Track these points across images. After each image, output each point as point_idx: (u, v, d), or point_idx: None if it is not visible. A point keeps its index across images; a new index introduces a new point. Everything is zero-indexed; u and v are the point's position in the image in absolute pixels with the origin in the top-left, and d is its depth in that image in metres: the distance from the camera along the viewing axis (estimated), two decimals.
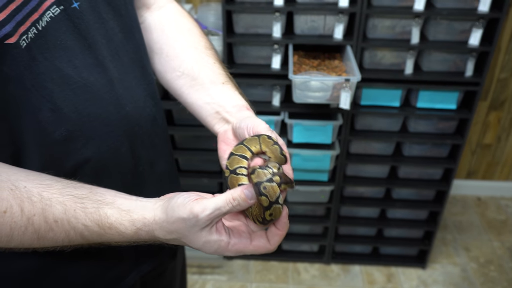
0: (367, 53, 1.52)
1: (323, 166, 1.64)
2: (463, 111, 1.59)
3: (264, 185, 0.49)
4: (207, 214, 0.49)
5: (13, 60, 0.50)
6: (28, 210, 0.50)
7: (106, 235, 0.53)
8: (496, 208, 2.32)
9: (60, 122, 0.56)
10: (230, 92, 0.69)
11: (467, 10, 1.42)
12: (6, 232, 0.50)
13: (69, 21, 0.55)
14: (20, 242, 0.51)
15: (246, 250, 0.54)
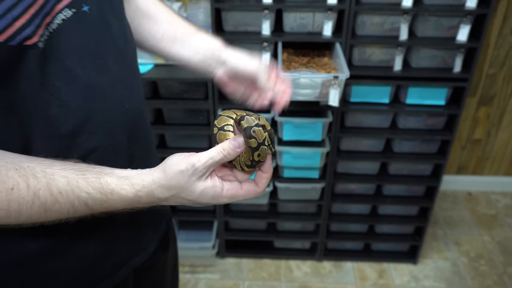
0: (356, 50, 1.53)
1: (314, 164, 1.64)
2: (452, 107, 1.60)
3: (253, 129, 0.57)
4: (203, 162, 0.56)
5: (30, 60, 0.53)
6: (33, 185, 0.53)
7: (109, 201, 0.57)
8: (487, 203, 2.34)
9: (66, 118, 0.59)
10: (206, 38, 0.81)
11: (455, 6, 1.42)
12: (15, 207, 0.53)
13: (80, 23, 0.58)
14: (28, 216, 0.54)
15: (238, 194, 0.60)
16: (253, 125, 0.58)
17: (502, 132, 2.22)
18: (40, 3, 0.52)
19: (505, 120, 2.17)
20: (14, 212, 0.53)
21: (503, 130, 2.21)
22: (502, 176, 2.36)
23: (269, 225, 1.95)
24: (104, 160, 0.63)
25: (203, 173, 0.57)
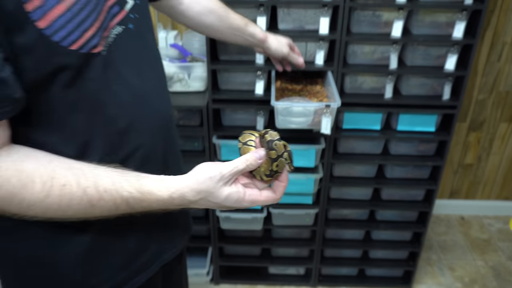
0: (348, 78, 1.56)
1: (307, 189, 1.65)
2: (442, 133, 1.63)
3: (275, 142, 0.68)
4: (229, 170, 0.65)
5: (95, 65, 0.64)
6: (83, 183, 0.61)
7: (146, 201, 0.65)
8: (479, 227, 2.35)
9: (120, 117, 0.69)
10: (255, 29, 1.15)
11: (442, 36, 1.47)
12: (65, 202, 0.60)
13: (127, 38, 0.69)
14: (76, 210, 0.62)
15: (258, 199, 0.69)
16: (275, 139, 0.68)
17: (492, 157, 2.25)
18: (101, 19, 0.63)
19: (495, 145, 2.21)
20: (65, 206, 0.60)
21: (493, 154, 2.24)
22: (494, 200, 2.38)
23: (263, 251, 1.94)
24: (147, 156, 0.74)
25: (228, 180, 0.66)
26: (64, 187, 0.60)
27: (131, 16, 0.70)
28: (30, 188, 0.57)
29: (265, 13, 1.41)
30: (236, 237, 1.88)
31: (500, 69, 2.01)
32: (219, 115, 1.63)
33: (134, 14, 0.71)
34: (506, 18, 1.89)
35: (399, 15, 1.42)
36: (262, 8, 1.40)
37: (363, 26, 1.47)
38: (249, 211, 1.73)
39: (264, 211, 1.75)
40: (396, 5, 1.40)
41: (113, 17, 0.67)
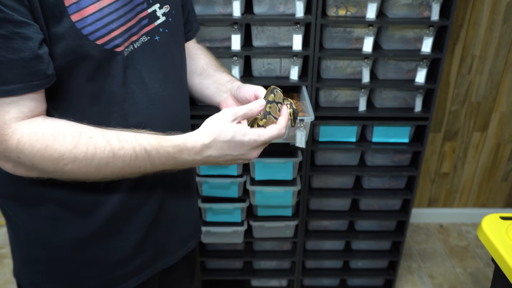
0: (322, 92, 1.60)
1: (286, 202, 1.68)
2: (416, 144, 1.68)
3: (276, 89, 0.82)
4: (233, 111, 0.76)
5: (115, 63, 0.73)
6: (107, 135, 0.70)
7: (163, 147, 0.73)
8: (458, 234, 2.40)
9: (134, 114, 0.77)
10: (224, 74, 1.01)
11: (411, 51, 1.52)
12: (91, 151, 0.69)
13: (152, 48, 0.79)
14: (99, 161, 0.69)
15: (263, 132, 0.77)
16: (277, 88, 0.83)
17: (468, 165, 2.31)
18: (129, 25, 0.74)
19: (469, 154, 2.27)
20: (90, 155, 0.68)
21: (468, 163, 2.30)
22: (471, 208, 2.44)
23: (245, 264, 1.96)
24: None
25: (234, 118, 0.76)
26: (91, 139, 0.69)
27: (160, 30, 0.81)
28: (61, 139, 0.67)
29: (239, 31, 1.45)
30: (218, 251, 1.89)
31: (471, 81, 2.08)
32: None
33: (163, 29, 0.81)
34: (474, 32, 1.97)
35: (369, 31, 1.47)
36: (236, 26, 1.44)
37: (335, 42, 1.51)
38: (230, 224, 1.75)
39: (245, 223, 1.77)
40: (366, 22, 1.45)
41: (142, 27, 0.77)
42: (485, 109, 2.16)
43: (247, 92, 0.88)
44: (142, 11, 0.76)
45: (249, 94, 0.88)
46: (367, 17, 1.45)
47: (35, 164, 0.67)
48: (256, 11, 1.45)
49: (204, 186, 1.67)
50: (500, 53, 2.02)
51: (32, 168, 0.68)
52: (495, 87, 2.10)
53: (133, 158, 0.71)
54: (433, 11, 1.45)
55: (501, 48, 2.01)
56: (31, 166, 0.68)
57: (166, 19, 0.82)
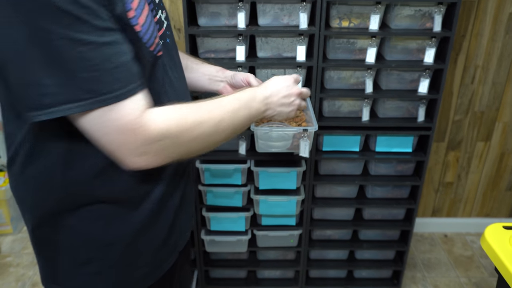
0: (326, 103, 1.62)
1: (290, 211, 1.69)
2: (419, 153, 1.69)
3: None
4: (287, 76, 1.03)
5: (158, 66, 0.81)
6: (213, 103, 0.82)
7: (239, 99, 0.87)
8: (462, 244, 2.40)
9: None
10: (209, 65, 1.16)
11: (414, 62, 1.54)
12: (214, 114, 0.81)
13: (168, 50, 0.86)
14: (221, 120, 0.81)
15: (303, 90, 1.06)
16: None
17: (471, 175, 2.31)
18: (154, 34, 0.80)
19: (473, 163, 2.27)
20: (214, 118, 0.80)
21: (472, 173, 2.30)
22: (475, 217, 2.43)
23: (249, 273, 1.96)
24: None
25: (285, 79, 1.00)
26: (207, 108, 0.80)
27: (167, 32, 0.88)
28: (186, 114, 0.77)
29: (244, 42, 1.47)
30: (222, 260, 1.90)
31: (474, 90, 2.09)
32: None
33: (169, 32, 0.89)
34: (477, 42, 1.98)
35: (372, 42, 1.49)
36: (241, 37, 1.46)
37: (338, 53, 1.53)
38: (234, 233, 1.76)
39: (249, 233, 1.77)
40: (369, 33, 1.47)
41: (157, 31, 0.81)
42: (489, 118, 2.16)
43: (241, 79, 1.12)
44: (154, 17, 0.81)
45: (242, 81, 1.12)
46: (370, 28, 1.47)
47: (175, 145, 0.75)
48: (260, 23, 1.47)
49: (208, 195, 1.68)
50: (503, 63, 2.03)
51: (168, 153, 0.75)
52: (498, 97, 2.11)
53: (230, 110, 0.84)
54: (435, 22, 1.46)
55: (503, 59, 2.02)
56: (170, 150, 0.74)
57: (167, 23, 0.89)
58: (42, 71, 0.61)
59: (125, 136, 0.68)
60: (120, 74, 0.66)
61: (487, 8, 1.91)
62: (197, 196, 1.70)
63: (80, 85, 0.63)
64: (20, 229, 2.46)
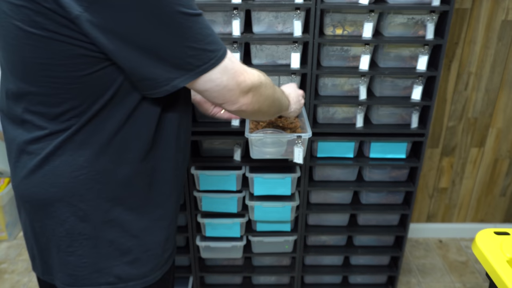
0: (320, 109, 1.63)
1: (285, 217, 1.70)
2: (413, 159, 1.70)
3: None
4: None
5: None
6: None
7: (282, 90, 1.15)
8: (457, 249, 2.41)
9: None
10: None
11: (407, 69, 1.55)
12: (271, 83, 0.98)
13: None
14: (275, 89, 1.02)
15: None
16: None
17: (466, 181, 2.33)
18: None
19: (467, 169, 2.29)
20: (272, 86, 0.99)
21: (466, 178, 2.32)
22: (470, 223, 2.45)
23: (244, 279, 1.96)
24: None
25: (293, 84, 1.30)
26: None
27: None
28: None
29: (238, 49, 1.48)
30: (217, 266, 1.90)
31: (467, 97, 2.11)
32: (197, 145, 1.68)
33: None
34: (470, 49, 2.00)
35: (366, 49, 1.51)
36: (236, 45, 1.47)
37: (332, 60, 1.55)
38: (229, 239, 1.76)
39: (244, 239, 1.78)
40: (362, 41, 1.49)
41: None
42: (482, 125, 2.18)
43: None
44: None
45: None
46: (364, 36, 1.49)
47: (264, 93, 0.91)
48: (255, 30, 1.48)
49: (203, 201, 1.69)
50: (496, 70, 2.05)
51: (260, 97, 0.90)
52: (491, 103, 2.13)
53: (279, 91, 1.07)
54: (428, 30, 1.48)
55: (496, 65, 2.04)
56: (261, 94, 0.90)
57: None
58: (186, 42, 0.74)
59: (238, 78, 0.82)
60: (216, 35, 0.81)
61: (480, 15, 1.94)
62: (192, 202, 1.71)
63: (209, 47, 0.77)
64: (15, 236, 2.46)
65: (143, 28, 0.70)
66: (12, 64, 0.78)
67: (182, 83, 0.77)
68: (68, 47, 0.72)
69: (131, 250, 0.89)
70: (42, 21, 0.70)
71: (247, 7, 1.43)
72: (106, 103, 0.78)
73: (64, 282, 0.89)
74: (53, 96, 0.77)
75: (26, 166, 0.83)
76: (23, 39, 0.72)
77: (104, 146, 0.81)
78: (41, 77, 0.75)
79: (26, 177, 0.84)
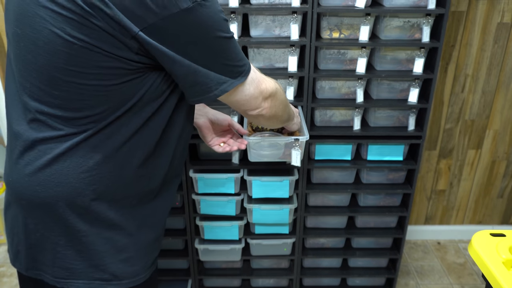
0: (317, 112, 1.64)
1: (283, 220, 1.70)
2: (410, 162, 1.71)
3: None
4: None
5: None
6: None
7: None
8: (455, 251, 2.41)
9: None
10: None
11: (404, 72, 1.56)
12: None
13: None
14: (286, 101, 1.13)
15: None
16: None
17: (463, 183, 2.33)
18: None
19: (465, 171, 2.30)
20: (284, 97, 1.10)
21: (464, 180, 2.33)
22: (468, 224, 2.45)
23: (243, 282, 1.97)
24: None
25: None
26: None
27: None
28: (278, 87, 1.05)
29: None
30: (216, 269, 1.90)
31: (464, 99, 2.12)
32: (196, 148, 1.69)
33: None
34: (466, 52, 2.02)
35: (363, 53, 1.52)
36: None
37: (329, 63, 1.56)
38: (227, 242, 1.77)
39: (242, 241, 1.78)
40: (359, 44, 1.50)
41: None
42: (479, 127, 2.19)
43: (224, 119, 1.29)
44: None
45: (225, 122, 1.29)
46: (360, 39, 1.50)
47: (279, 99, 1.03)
48: (252, 34, 1.49)
49: (202, 204, 1.69)
50: (492, 72, 2.06)
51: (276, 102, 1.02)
52: (488, 105, 2.14)
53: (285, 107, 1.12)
54: (424, 33, 1.49)
55: (493, 68, 2.05)
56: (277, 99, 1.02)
57: None
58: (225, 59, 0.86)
59: (261, 86, 0.96)
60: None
61: (476, 18, 1.95)
62: (190, 205, 1.71)
63: (240, 63, 0.89)
64: None
65: (194, 48, 0.82)
66: (36, 66, 0.79)
67: (230, 87, 0.89)
68: (105, 59, 0.76)
69: (126, 248, 0.93)
70: (87, 33, 0.74)
71: (245, 11, 1.44)
72: (126, 111, 0.83)
73: (58, 276, 0.92)
74: (76, 102, 0.80)
75: (32, 164, 0.86)
76: (58, 46, 0.76)
77: (115, 151, 0.85)
78: (68, 83, 0.79)
79: (31, 174, 0.86)
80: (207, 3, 0.79)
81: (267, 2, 1.44)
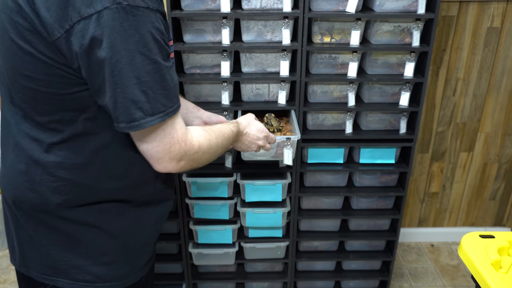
0: (309, 116, 1.65)
1: (276, 223, 1.71)
2: (402, 164, 1.72)
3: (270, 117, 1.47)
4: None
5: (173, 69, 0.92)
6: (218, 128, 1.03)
7: (230, 128, 1.08)
8: (449, 253, 2.43)
9: None
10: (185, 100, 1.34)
11: (394, 75, 1.58)
12: (220, 139, 1.01)
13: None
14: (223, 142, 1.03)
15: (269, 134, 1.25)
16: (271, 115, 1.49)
17: (456, 185, 2.35)
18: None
19: (457, 173, 2.32)
20: (220, 141, 1.00)
21: (456, 183, 2.34)
22: (461, 227, 2.47)
23: (237, 285, 1.97)
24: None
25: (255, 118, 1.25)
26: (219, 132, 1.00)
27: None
28: (210, 136, 0.96)
29: (228, 58, 1.50)
30: (210, 273, 1.91)
31: (456, 102, 2.15)
32: None
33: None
34: (457, 56, 2.04)
35: (354, 57, 1.53)
36: (225, 53, 1.49)
37: (321, 67, 1.57)
38: (221, 246, 1.77)
39: (236, 245, 1.79)
40: (350, 48, 1.51)
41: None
42: (471, 129, 2.21)
43: (218, 122, 1.28)
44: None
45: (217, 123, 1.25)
46: (351, 43, 1.51)
47: (200, 158, 0.92)
48: (244, 39, 1.51)
49: (195, 208, 1.70)
50: (483, 75, 2.09)
51: (194, 162, 0.91)
52: (479, 108, 2.16)
53: (226, 138, 1.03)
54: (414, 37, 1.51)
55: (483, 71, 2.08)
56: (196, 160, 0.91)
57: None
58: (137, 90, 0.77)
59: (175, 146, 0.85)
60: (176, 92, 0.84)
61: (466, 23, 1.97)
62: (184, 209, 1.72)
63: (160, 101, 0.79)
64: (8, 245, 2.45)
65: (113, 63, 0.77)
66: (5, 70, 0.85)
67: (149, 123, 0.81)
68: (47, 65, 0.78)
69: (109, 250, 0.95)
70: (30, 37, 0.77)
71: (236, 16, 1.45)
72: (91, 120, 0.85)
73: (44, 273, 0.95)
74: (36, 106, 0.84)
75: (13, 165, 0.90)
76: (14, 50, 0.80)
77: (93, 156, 0.88)
78: (25, 88, 0.83)
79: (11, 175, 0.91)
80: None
81: (259, 7, 1.45)
